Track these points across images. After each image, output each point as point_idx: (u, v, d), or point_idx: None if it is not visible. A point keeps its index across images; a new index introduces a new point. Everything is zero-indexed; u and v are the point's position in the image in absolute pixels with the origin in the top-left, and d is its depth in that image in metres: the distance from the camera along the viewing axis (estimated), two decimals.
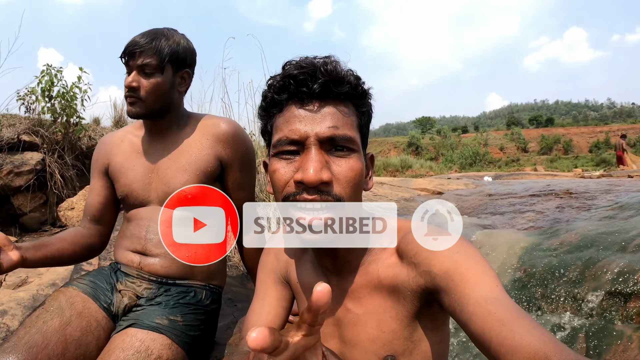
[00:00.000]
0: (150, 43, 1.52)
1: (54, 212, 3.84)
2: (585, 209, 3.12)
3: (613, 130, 62.93)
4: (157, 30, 1.57)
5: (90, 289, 1.52)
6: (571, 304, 1.98)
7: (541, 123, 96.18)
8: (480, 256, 0.81)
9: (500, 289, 0.74)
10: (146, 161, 1.64)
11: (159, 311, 1.45)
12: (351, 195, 0.85)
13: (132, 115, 1.58)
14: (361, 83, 0.91)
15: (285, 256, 1.15)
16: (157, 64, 1.54)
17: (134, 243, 1.59)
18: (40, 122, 4.20)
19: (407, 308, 0.87)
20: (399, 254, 0.91)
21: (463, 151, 39.41)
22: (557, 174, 9.71)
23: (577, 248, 2.27)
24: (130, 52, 1.53)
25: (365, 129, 0.94)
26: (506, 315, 0.68)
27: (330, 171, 0.83)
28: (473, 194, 4.42)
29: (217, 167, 1.61)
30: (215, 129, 1.63)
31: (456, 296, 0.75)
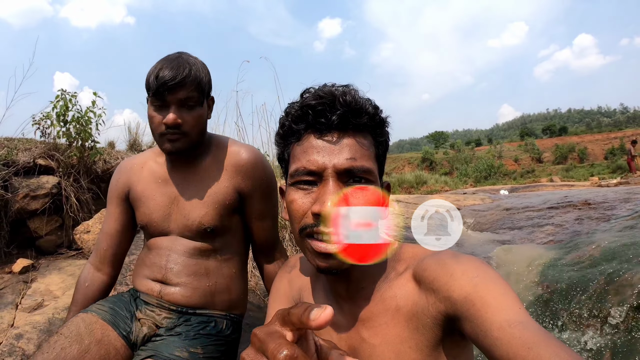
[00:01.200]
0: (189, 75, 1.44)
1: (70, 235, 3.85)
2: (605, 219, 3.06)
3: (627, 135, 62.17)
4: (183, 59, 1.48)
5: (110, 316, 1.48)
6: (595, 320, 1.93)
7: (555, 132, 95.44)
8: (500, 278, 0.78)
9: (524, 311, 0.71)
10: (167, 191, 1.58)
11: (179, 342, 1.41)
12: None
13: (173, 152, 1.49)
14: (379, 112, 0.89)
15: (298, 282, 1.13)
16: (198, 97, 1.47)
17: (154, 272, 1.54)
18: (56, 147, 4.23)
19: (428, 337, 0.84)
20: (416, 280, 0.87)
21: (477, 164, 39.18)
22: (574, 184, 9.59)
23: (599, 261, 2.22)
24: (172, 87, 1.42)
25: (382, 158, 0.93)
26: (532, 338, 0.65)
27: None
28: (490, 209, 4.37)
29: (235, 199, 1.56)
30: (235, 158, 1.56)
31: (478, 322, 0.72)
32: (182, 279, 1.51)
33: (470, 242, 3.39)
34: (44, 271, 3.23)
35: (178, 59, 1.47)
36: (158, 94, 1.43)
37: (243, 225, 1.63)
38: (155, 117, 1.46)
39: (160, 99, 1.45)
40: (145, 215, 1.59)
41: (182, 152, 1.51)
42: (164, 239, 1.57)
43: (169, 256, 1.54)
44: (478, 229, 3.87)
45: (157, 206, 1.57)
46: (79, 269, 3.26)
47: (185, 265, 1.52)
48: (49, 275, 3.13)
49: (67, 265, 3.35)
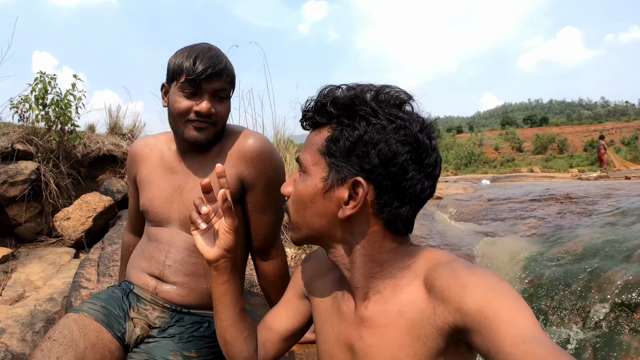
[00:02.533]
0: (226, 67, 1.45)
1: (50, 222, 3.78)
2: (587, 214, 3.10)
3: (607, 128, 63.34)
4: (215, 50, 1.48)
5: (103, 316, 1.43)
6: (578, 316, 1.96)
7: (535, 122, 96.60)
8: (514, 292, 0.77)
9: (538, 327, 0.71)
10: (172, 179, 1.56)
11: (172, 346, 1.39)
12: (293, 210, 0.97)
13: (199, 141, 1.48)
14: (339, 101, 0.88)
15: (311, 273, 1.15)
16: (230, 89, 1.50)
17: (152, 266, 1.51)
18: (35, 131, 4.14)
19: (429, 347, 0.83)
20: (426, 288, 0.87)
21: (458, 151, 39.52)
22: (554, 176, 9.73)
23: (582, 257, 2.25)
24: (210, 75, 1.42)
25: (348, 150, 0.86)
26: (546, 355, 0.65)
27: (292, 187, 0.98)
28: (472, 199, 4.40)
29: (238, 188, 1.51)
30: (240, 145, 1.52)
31: (490, 335, 0.72)
32: (179, 278, 1.48)
33: (453, 232, 3.40)
34: (24, 260, 3.18)
35: (212, 49, 1.48)
36: (193, 81, 1.41)
37: (244, 220, 1.58)
38: (183, 103, 1.43)
39: (194, 86, 1.43)
40: (147, 199, 1.57)
41: (207, 143, 1.51)
42: (165, 231, 1.53)
43: (168, 252, 1.50)
44: (461, 219, 3.89)
45: (160, 192, 1.55)
46: (59, 257, 3.21)
47: (183, 264, 1.49)
48: (29, 264, 3.07)
49: (48, 253, 3.29)
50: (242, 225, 1.57)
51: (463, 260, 0.89)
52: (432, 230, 3.45)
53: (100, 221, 3.63)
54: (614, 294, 1.92)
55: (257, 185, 1.53)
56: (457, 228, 3.57)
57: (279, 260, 1.64)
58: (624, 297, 1.89)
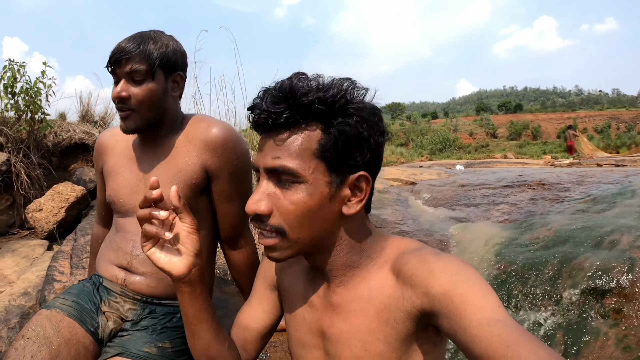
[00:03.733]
0: (137, 48, 1.40)
1: (22, 214, 3.69)
2: (558, 201, 3.17)
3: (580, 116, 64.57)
4: (142, 33, 1.45)
5: (75, 311, 1.41)
6: (549, 301, 2.01)
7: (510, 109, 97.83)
8: (480, 277, 0.79)
9: (502, 310, 0.73)
10: (136, 168, 1.54)
11: (146, 337, 1.38)
12: (294, 225, 0.87)
13: (127, 131, 1.46)
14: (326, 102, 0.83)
15: (279, 264, 1.13)
16: (146, 70, 1.41)
17: (119, 257, 1.49)
18: (4, 120, 4.03)
19: (398, 330, 0.85)
20: (394, 273, 0.89)
21: (433, 137, 39.85)
22: (528, 162, 9.90)
23: (553, 244, 2.31)
24: (117, 60, 1.40)
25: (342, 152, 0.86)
26: (511, 337, 0.66)
27: (271, 202, 0.86)
28: (446, 185, 4.46)
29: (202, 178, 1.49)
30: (204, 134, 1.50)
31: (457, 318, 0.73)
32: (147, 268, 1.46)
33: (426, 217, 3.44)
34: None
35: (140, 34, 1.45)
36: (110, 69, 1.44)
37: (211, 209, 1.57)
38: (112, 93, 1.44)
39: (111, 73, 1.44)
40: (113, 190, 1.55)
41: (138, 131, 1.48)
42: (131, 221, 1.51)
43: (135, 242, 1.48)
44: (434, 205, 3.94)
45: (125, 182, 1.53)
46: (33, 250, 3.15)
47: None
48: (2, 258, 3.01)
49: (21, 246, 3.22)
50: (209, 215, 1.57)
51: (430, 247, 0.91)
52: (405, 215, 3.48)
53: (73, 211, 3.57)
54: (584, 279, 1.97)
55: (222, 175, 1.51)
56: (431, 213, 3.61)
57: (248, 249, 1.63)
58: (594, 283, 1.95)
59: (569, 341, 1.83)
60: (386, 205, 3.78)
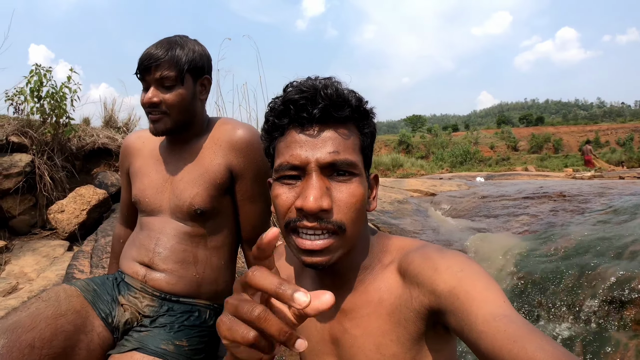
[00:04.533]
0: (166, 54, 1.44)
1: (44, 214, 3.77)
2: (579, 212, 3.12)
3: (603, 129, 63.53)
4: (169, 39, 1.50)
5: (91, 296, 1.45)
6: (568, 312, 1.98)
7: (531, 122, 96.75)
8: (484, 273, 0.79)
9: (508, 304, 0.72)
10: (162, 169, 1.59)
11: (164, 335, 1.40)
12: (353, 220, 0.85)
13: (157, 133, 1.51)
14: (363, 104, 0.89)
15: (286, 270, 1.12)
16: (176, 76, 1.45)
17: (142, 254, 1.52)
18: (29, 123, 4.13)
19: (409, 330, 0.85)
20: (400, 273, 0.89)
21: (453, 150, 39.52)
22: (549, 175, 9.76)
23: (573, 254, 2.27)
24: (146, 67, 1.44)
25: (368, 150, 0.92)
26: (517, 332, 0.66)
27: (330, 198, 0.83)
28: (466, 196, 4.42)
29: (227, 178, 1.54)
30: (230, 135, 1.54)
31: (463, 315, 0.73)
32: (168, 265, 1.49)
33: (446, 228, 3.43)
34: (18, 252, 3.17)
35: (167, 40, 1.50)
36: (139, 76, 1.48)
37: (234, 209, 1.61)
38: (141, 97, 1.49)
39: (141, 80, 1.49)
40: (139, 190, 1.59)
41: (167, 133, 1.53)
42: (156, 220, 1.55)
43: (159, 239, 1.52)
44: (454, 216, 3.91)
45: (151, 183, 1.58)
46: (53, 249, 3.21)
47: (173, 251, 1.50)
48: (23, 257, 3.07)
49: (42, 246, 3.29)
50: (231, 216, 1.61)
51: (434, 244, 0.92)
52: (425, 225, 3.46)
53: (94, 214, 3.63)
54: (605, 290, 1.94)
55: (247, 175, 1.55)
56: (450, 224, 3.59)
57: None
58: (615, 293, 1.91)
59: (588, 352, 1.79)
60: (406, 215, 3.77)
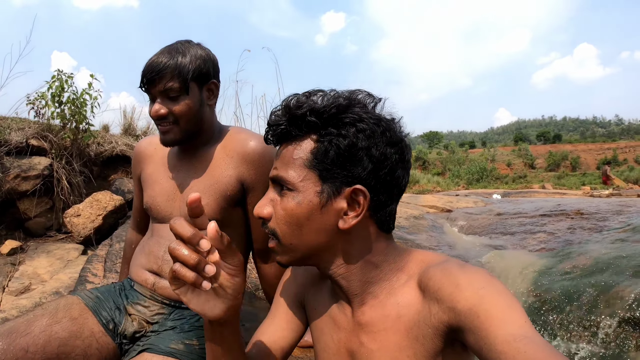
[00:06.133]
0: (168, 65, 1.39)
1: (60, 218, 3.81)
2: (597, 230, 3.07)
3: (621, 147, 62.77)
4: (170, 47, 1.46)
5: (93, 303, 1.46)
6: (585, 331, 1.93)
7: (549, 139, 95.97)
8: (506, 291, 0.77)
9: (529, 325, 0.70)
10: (173, 177, 1.57)
11: (174, 335, 1.39)
12: (287, 232, 0.89)
13: (167, 144, 1.49)
14: (326, 111, 0.84)
15: (304, 279, 1.11)
16: (180, 86, 1.41)
17: (151, 262, 1.51)
18: (49, 127, 4.19)
19: (427, 347, 0.82)
20: (420, 289, 0.86)
21: (470, 167, 39.26)
22: (566, 192, 9.63)
23: (591, 272, 2.23)
24: (149, 80, 1.41)
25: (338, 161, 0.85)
26: (537, 354, 0.63)
27: (272, 209, 0.91)
28: (483, 213, 4.37)
29: (238, 190, 1.51)
30: (242, 147, 1.51)
31: (482, 334, 0.71)
32: None
33: (462, 245, 3.39)
34: (32, 254, 3.20)
35: (168, 48, 1.46)
36: (144, 89, 1.46)
37: (245, 221, 1.59)
38: (149, 109, 1.47)
39: (147, 92, 1.47)
40: (150, 197, 1.58)
41: (177, 144, 1.51)
42: (166, 227, 1.53)
43: (168, 247, 1.50)
44: (470, 232, 3.87)
45: (162, 191, 1.57)
46: (67, 252, 3.23)
47: None
48: (37, 258, 3.10)
49: (56, 248, 3.32)
50: (242, 227, 1.60)
51: (455, 259, 0.89)
52: (440, 242, 3.43)
53: (110, 220, 3.66)
54: (623, 309, 1.89)
55: (258, 187, 1.53)
56: (466, 240, 3.56)
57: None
58: (633, 312, 1.86)
59: None
60: (421, 231, 3.74)
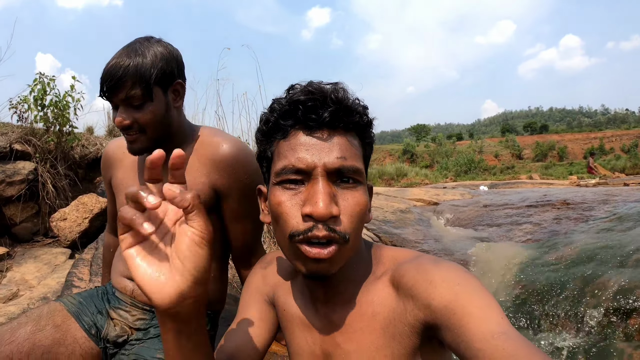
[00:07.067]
0: (128, 70, 1.28)
1: (46, 222, 3.78)
2: (583, 220, 3.10)
3: (607, 136, 63.36)
4: (129, 49, 1.33)
5: (75, 308, 1.44)
6: (571, 322, 1.95)
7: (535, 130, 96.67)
8: (482, 287, 0.76)
9: (506, 322, 0.70)
10: (143, 181, 1.44)
11: (158, 344, 1.37)
12: (356, 230, 0.81)
13: (136, 153, 1.40)
14: (367, 113, 0.86)
15: (273, 279, 1.08)
16: (142, 93, 1.30)
17: (127, 269, 1.46)
18: (33, 131, 4.16)
19: (404, 345, 0.81)
20: (394, 286, 0.85)
21: (458, 159, 39.44)
22: (553, 183, 9.72)
23: (576, 263, 2.25)
24: (109, 88, 1.30)
25: (367, 161, 0.90)
26: (516, 350, 0.63)
27: (337, 205, 0.78)
28: (469, 205, 4.39)
29: (211, 197, 1.43)
30: (213, 153, 1.42)
31: (460, 331, 0.70)
32: None
33: (448, 237, 3.40)
34: (20, 259, 3.18)
35: (127, 51, 1.33)
36: (105, 97, 1.35)
37: (221, 227, 1.53)
38: (113, 119, 1.41)
39: (108, 100, 1.36)
40: (122, 204, 1.51)
41: (146, 151, 1.40)
42: None
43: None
44: (457, 225, 3.88)
45: None
46: (55, 257, 3.21)
47: None
48: (25, 264, 3.07)
49: (43, 253, 3.29)
50: (219, 232, 1.52)
51: (428, 255, 0.88)
52: (427, 235, 3.44)
53: (97, 222, 3.63)
54: (608, 299, 1.91)
55: (233, 194, 1.45)
56: (453, 233, 3.57)
57: None
58: (618, 302, 1.88)
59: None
60: (408, 225, 3.74)
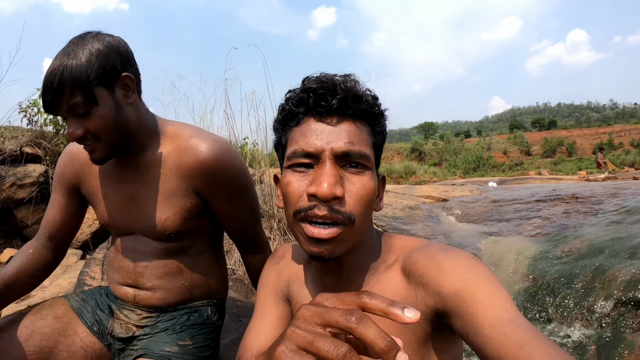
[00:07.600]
0: (63, 78, 1.14)
1: None
2: (592, 214, 3.09)
3: (616, 131, 62.91)
4: (62, 53, 1.18)
5: (78, 304, 1.45)
6: (581, 314, 1.95)
7: (544, 126, 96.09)
8: (491, 275, 0.77)
9: (515, 309, 0.71)
10: (121, 189, 1.39)
11: (167, 338, 1.37)
12: (362, 213, 0.83)
13: (99, 163, 1.28)
14: (378, 103, 0.89)
15: (287, 273, 1.10)
16: (84, 99, 1.16)
17: (124, 277, 1.43)
18: (43, 134, 4.20)
19: (416, 332, 0.83)
20: (405, 274, 0.86)
21: (466, 156, 39.34)
22: (562, 178, 9.67)
23: (586, 255, 2.24)
24: (48, 103, 1.17)
25: (379, 150, 0.92)
26: (523, 337, 0.64)
27: (342, 187, 0.81)
28: (478, 201, 4.39)
29: (198, 201, 1.37)
30: (193, 156, 1.31)
31: (469, 318, 0.71)
32: (154, 282, 1.41)
33: (458, 233, 3.40)
34: None
35: (59, 54, 1.19)
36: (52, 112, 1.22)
37: (216, 225, 1.49)
38: (68, 137, 1.25)
39: (55, 115, 1.29)
40: (104, 214, 1.44)
41: (111, 158, 1.30)
42: (128, 239, 1.43)
43: (136, 259, 1.41)
44: (466, 220, 3.88)
45: (115, 204, 1.41)
46: (66, 258, 3.23)
47: (154, 267, 1.40)
48: None
49: None
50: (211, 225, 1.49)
51: (438, 243, 0.89)
52: (436, 230, 3.45)
53: None
54: (619, 291, 1.91)
55: (219, 197, 1.38)
56: (462, 229, 3.57)
57: (264, 253, 1.56)
58: (629, 294, 1.88)
59: (602, 355, 1.76)
60: (417, 221, 3.75)
